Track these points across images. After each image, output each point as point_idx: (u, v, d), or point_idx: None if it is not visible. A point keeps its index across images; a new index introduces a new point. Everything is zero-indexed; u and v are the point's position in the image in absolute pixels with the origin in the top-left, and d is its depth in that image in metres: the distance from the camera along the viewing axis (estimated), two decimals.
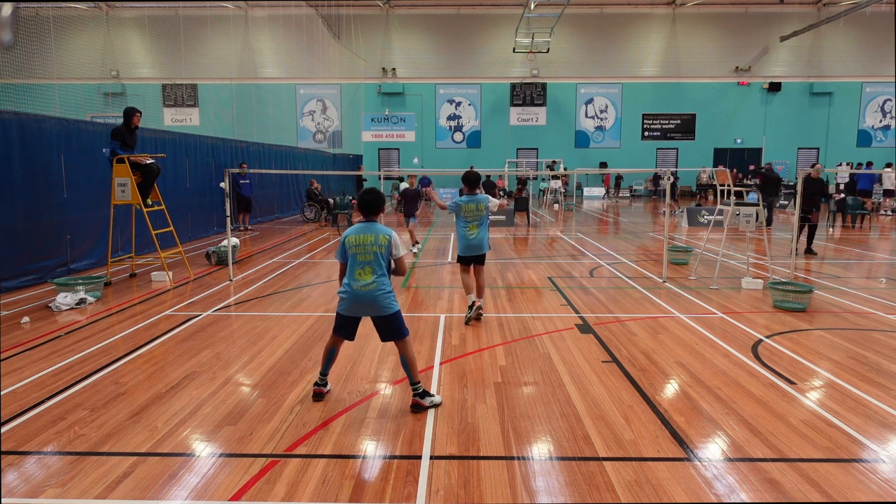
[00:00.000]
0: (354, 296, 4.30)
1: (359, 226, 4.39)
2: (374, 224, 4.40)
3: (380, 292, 4.28)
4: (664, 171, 10.71)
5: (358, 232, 4.34)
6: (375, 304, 4.30)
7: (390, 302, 4.34)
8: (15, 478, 3.45)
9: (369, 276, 4.27)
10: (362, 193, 4.48)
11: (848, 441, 3.90)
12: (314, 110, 34.02)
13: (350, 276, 4.31)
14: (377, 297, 4.28)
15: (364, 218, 4.46)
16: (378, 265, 4.29)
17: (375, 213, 4.46)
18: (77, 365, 5.36)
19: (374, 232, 4.32)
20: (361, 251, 4.28)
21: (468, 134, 33.85)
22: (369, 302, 4.30)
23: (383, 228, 4.38)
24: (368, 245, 4.28)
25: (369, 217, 4.44)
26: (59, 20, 14.33)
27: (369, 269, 4.28)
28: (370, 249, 4.28)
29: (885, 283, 9.26)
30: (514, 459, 3.65)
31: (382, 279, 4.31)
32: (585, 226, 18.20)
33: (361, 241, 4.30)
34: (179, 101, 33.58)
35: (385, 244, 4.31)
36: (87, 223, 9.85)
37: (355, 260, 4.30)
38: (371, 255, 4.28)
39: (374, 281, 4.26)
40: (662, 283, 9.10)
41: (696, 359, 5.55)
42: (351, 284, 4.30)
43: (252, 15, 32.24)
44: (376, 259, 4.28)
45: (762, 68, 32.84)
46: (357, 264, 4.29)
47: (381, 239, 4.30)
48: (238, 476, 3.45)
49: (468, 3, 32.24)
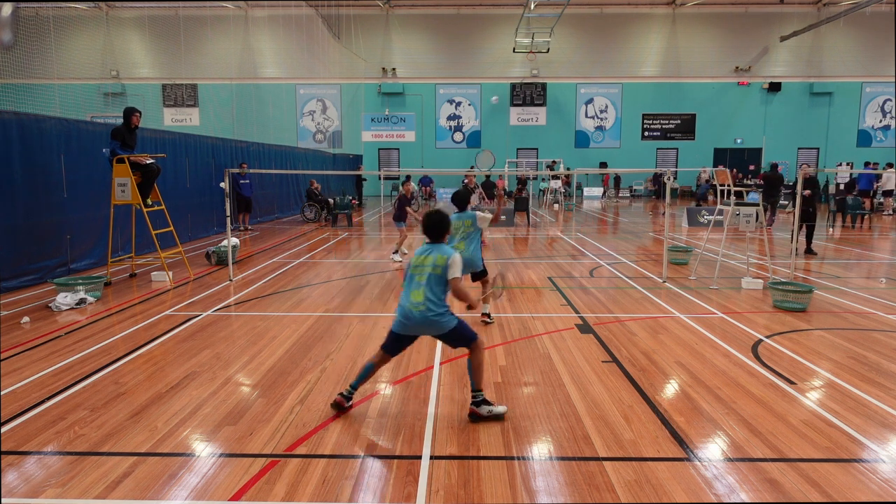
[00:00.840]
0: (407, 315, 4.16)
1: (423, 247, 4.29)
2: (439, 245, 4.27)
3: (431, 314, 4.11)
4: (664, 170, 10.72)
5: (421, 252, 4.25)
6: (430, 325, 4.16)
7: (445, 321, 4.17)
8: (15, 478, 3.45)
9: (421, 297, 4.12)
10: (426, 218, 4.34)
11: (848, 441, 3.90)
12: (314, 110, 34.03)
13: (405, 295, 4.20)
14: (430, 318, 4.11)
15: (429, 240, 4.33)
16: (429, 287, 4.13)
17: (441, 236, 4.32)
18: (77, 365, 5.36)
19: (436, 252, 4.20)
20: (419, 272, 4.18)
21: (468, 134, 33.85)
22: (422, 323, 4.15)
23: (447, 249, 4.24)
24: (427, 266, 4.16)
25: (433, 240, 4.31)
26: (59, 20, 14.33)
27: (423, 290, 4.13)
28: (426, 270, 4.15)
29: (885, 283, 9.27)
30: (514, 459, 3.65)
31: (433, 301, 4.13)
32: (585, 226, 18.20)
33: (421, 261, 4.20)
34: (179, 101, 33.59)
35: (442, 265, 4.14)
36: (87, 223, 9.85)
37: (412, 280, 4.20)
38: (425, 276, 4.15)
39: (424, 302, 4.11)
40: (662, 283, 9.10)
41: (696, 359, 5.55)
42: (404, 304, 4.19)
43: (252, 15, 32.25)
44: (428, 280, 4.13)
45: (762, 68, 32.84)
46: (413, 284, 4.18)
47: (439, 259, 4.15)
48: (238, 476, 3.45)
49: (468, 3, 32.25)
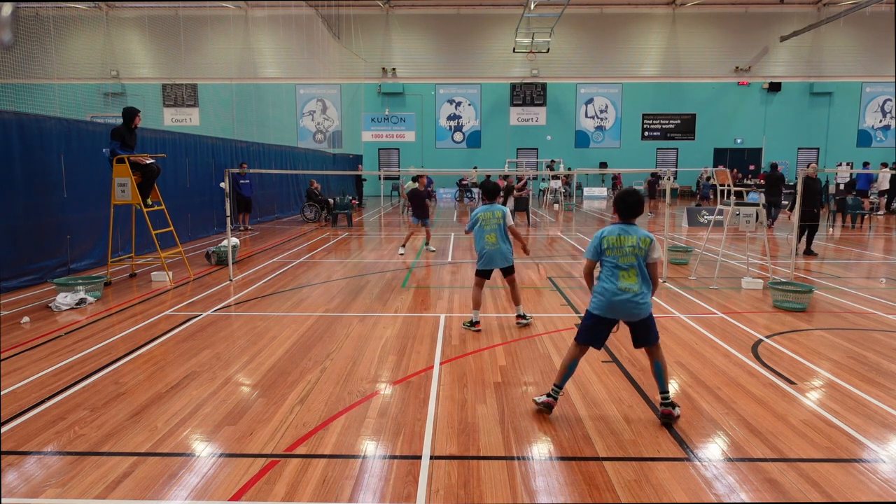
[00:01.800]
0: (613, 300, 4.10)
1: (618, 226, 4.19)
2: (634, 226, 4.20)
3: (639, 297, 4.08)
4: (664, 171, 10.73)
5: (618, 233, 4.14)
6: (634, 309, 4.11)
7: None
8: (15, 478, 3.45)
9: (634, 280, 4.06)
10: (624, 195, 4.24)
11: (848, 441, 3.90)
12: (314, 110, 34.02)
13: (611, 280, 4.11)
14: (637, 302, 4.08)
15: (621, 220, 4.25)
16: (638, 269, 4.08)
17: (636, 214, 4.23)
18: (77, 365, 5.36)
19: (635, 234, 4.13)
20: (620, 253, 4.09)
21: (468, 134, 33.85)
22: (628, 307, 4.10)
23: (643, 231, 4.18)
24: (627, 248, 4.08)
25: (628, 219, 4.23)
26: (59, 20, 14.33)
27: (633, 271, 4.07)
28: (629, 251, 4.08)
29: (884, 283, 9.26)
30: (514, 459, 3.65)
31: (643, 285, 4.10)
32: (585, 226, 18.20)
33: (621, 241, 4.10)
34: (179, 101, 33.58)
35: (645, 247, 4.09)
36: (87, 223, 9.85)
37: (617, 262, 4.09)
38: (633, 256, 4.08)
39: (637, 286, 4.07)
40: (662, 283, 9.10)
41: (696, 359, 5.55)
42: (609, 288, 4.11)
43: (252, 15, 32.25)
44: (637, 262, 4.08)
45: (762, 68, 32.84)
46: (618, 267, 4.09)
47: (643, 242, 4.10)
48: (238, 476, 3.45)
49: (468, 3, 32.24)
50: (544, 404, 4.27)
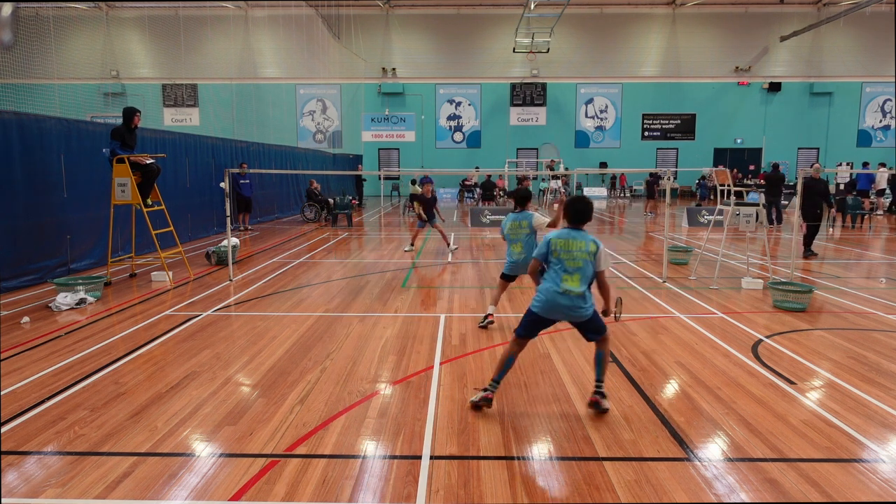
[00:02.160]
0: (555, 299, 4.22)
1: (566, 231, 4.33)
2: (582, 232, 4.33)
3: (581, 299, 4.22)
4: (664, 171, 10.74)
5: (566, 237, 4.27)
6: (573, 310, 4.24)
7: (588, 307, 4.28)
8: (15, 478, 3.44)
9: (576, 283, 4.18)
10: (573, 201, 4.39)
11: (848, 441, 3.90)
12: (314, 110, 34.03)
13: (555, 281, 4.22)
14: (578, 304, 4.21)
15: (570, 225, 4.38)
16: (582, 273, 4.20)
17: (584, 220, 4.37)
18: (77, 365, 5.36)
19: (583, 239, 4.26)
20: (569, 257, 4.21)
21: (468, 134, 33.85)
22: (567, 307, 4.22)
23: (591, 237, 4.30)
24: (575, 252, 4.21)
25: (577, 225, 4.36)
26: (59, 20, 14.33)
27: (577, 276, 4.18)
28: (577, 256, 4.21)
29: (885, 283, 9.26)
30: (514, 459, 3.65)
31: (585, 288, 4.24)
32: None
33: (569, 245, 4.23)
34: (179, 101, 33.59)
35: (594, 251, 4.23)
36: (87, 223, 9.85)
37: (563, 265, 4.21)
38: (580, 262, 4.21)
39: (579, 289, 4.19)
40: (662, 283, 9.10)
41: (696, 359, 5.55)
42: (551, 288, 4.23)
43: (252, 15, 32.25)
44: (584, 266, 4.21)
45: (762, 68, 32.84)
46: (565, 270, 4.20)
47: (591, 247, 4.23)
48: (238, 476, 3.45)
49: (468, 3, 32.24)
50: (483, 399, 4.35)
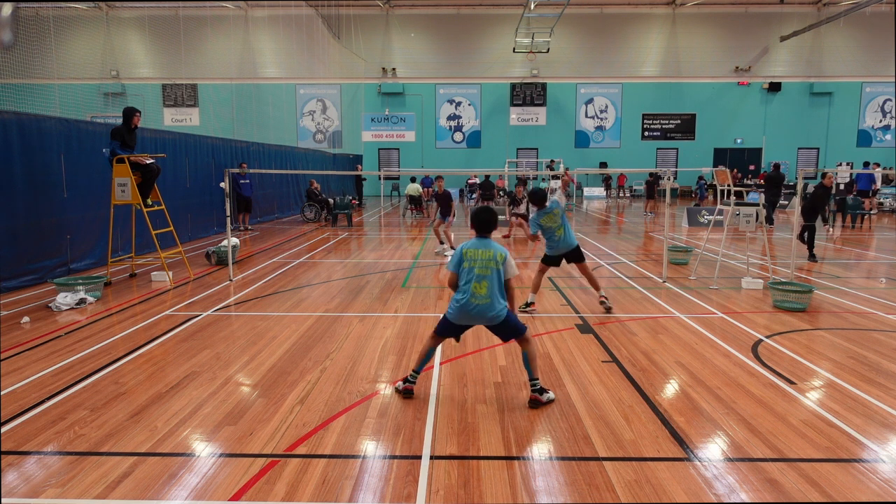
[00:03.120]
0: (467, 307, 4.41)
1: (475, 240, 4.54)
2: (489, 240, 4.54)
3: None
4: (664, 171, 10.74)
5: (475, 247, 4.47)
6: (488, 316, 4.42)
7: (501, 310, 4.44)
8: (15, 478, 3.44)
9: (485, 290, 4.36)
10: (478, 212, 4.61)
11: (848, 441, 3.90)
12: (314, 110, 34.03)
13: (466, 289, 4.40)
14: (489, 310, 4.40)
15: (477, 234, 4.59)
16: (491, 281, 4.38)
17: (489, 230, 4.57)
18: (77, 365, 5.36)
19: (490, 248, 4.47)
20: (479, 265, 4.40)
21: (468, 134, 33.85)
22: (482, 314, 4.40)
23: (499, 247, 4.51)
24: (484, 260, 4.41)
25: (483, 234, 4.57)
26: (59, 20, 14.32)
27: (486, 283, 4.36)
28: (485, 264, 4.40)
29: (884, 283, 9.26)
30: (514, 459, 3.65)
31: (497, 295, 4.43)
32: (585, 226, 18.20)
33: (478, 255, 4.44)
34: (179, 101, 33.58)
35: (501, 261, 4.44)
36: (87, 223, 9.85)
37: (473, 273, 4.39)
38: (489, 270, 4.40)
39: (489, 296, 4.37)
40: (662, 283, 9.10)
41: (696, 359, 5.55)
42: (463, 297, 4.41)
43: (252, 15, 32.25)
44: (492, 275, 4.39)
45: (762, 68, 32.84)
46: (475, 278, 4.38)
47: (499, 256, 4.44)
48: (238, 476, 3.45)
49: (468, 3, 32.24)
50: (405, 390, 4.60)
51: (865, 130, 33.39)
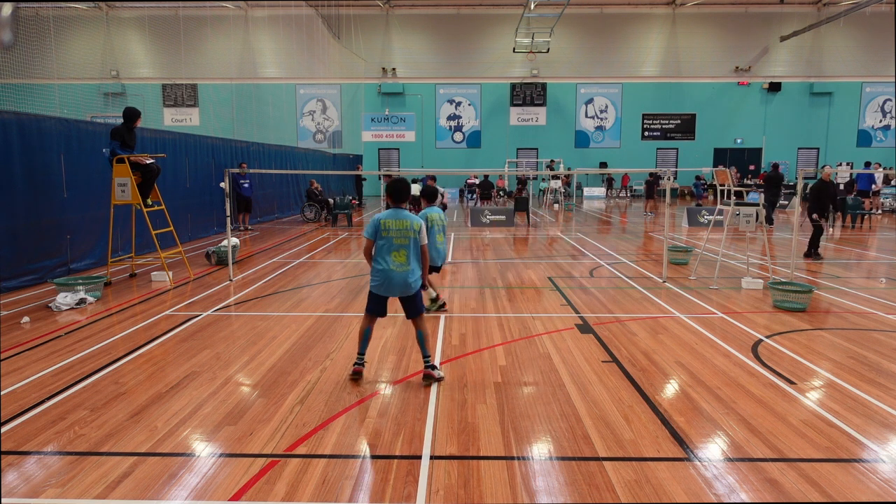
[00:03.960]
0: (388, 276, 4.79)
1: (391, 211, 4.86)
2: (403, 210, 4.86)
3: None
4: (664, 171, 10.75)
5: (392, 217, 4.80)
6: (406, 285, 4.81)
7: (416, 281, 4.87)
8: (15, 478, 3.44)
9: (403, 258, 4.75)
10: (392, 182, 4.95)
11: (848, 441, 3.90)
12: (314, 110, 34.02)
13: (385, 259, 4.78)
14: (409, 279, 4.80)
15: (392, 205, 4.92)
16: (409, 249, 4.77)
17: (403, 199, 4.91)
18: (77, 365, 5.36)
19: (406, 218, 4.81)
20: (397, 235, 4.75)
21: (468, 134, 33.85)
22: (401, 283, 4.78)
23: (414, 216, 4.86)
24: (401, 230, 4.76)
25: (398, 204, 4.90)
26: (59, 20, 14.32)
27: (404, 252, 4.75)
28: (402, 234, 4.76)
29: (884, 283, 9.26)
30: (514, 459, 3.65)
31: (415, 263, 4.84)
32: (585, 226, 18.20)
33: (394, 225, 4.77)
34: (179, 101, 33.58)
35: (417, 229, 4.80)
36: (87, 223, 9.85)
37: (391, 243, 4.74)
38: (407, 239, 4.76)
39: (408, 263, 4.77)
40: (662, 283, 9.10)
41: (696, 359, 5.55)
42: (383, 267, 4.79)
43: (252, 15, 32.25)
44: (409, 244, 4.77)
45: (762, 68, 32.84)
46: (392, 247, 4.75)
47: (415, 225, 4.79)
48: (238, 476, 3.45)
49: (468, 3, 32.24)
50: (354, 373, 4.95)
51: (865, 130, 33.39)
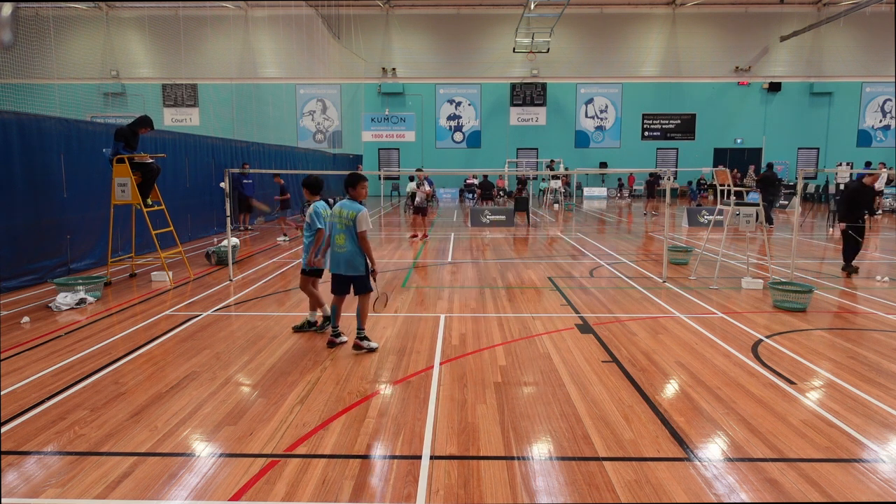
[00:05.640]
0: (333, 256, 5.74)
1: (345, 200, 5.72)
2: (352, 201, 5.68)
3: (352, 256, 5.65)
4: (664, 171, 10.74)
5: (340, 206, 5.68)
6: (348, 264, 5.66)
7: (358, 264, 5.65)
8: (15, 478, 3.45)
9: (342, 241, 5.60)
10: (349, 175, 5.79)
11: (848, 441, 3.90)
12: (314, 110, 34.01)
13: (332, 239, 5.74)
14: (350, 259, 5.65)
15: (348, 194, 5.75)
16: (348, 234, 5.58)
17: (351, 188, 5.69)
18: (77, 365, 5.36)
19: (349, 208, 5.62)
20: (339, 221, 5.62)
21: (468, 134, 33.84)
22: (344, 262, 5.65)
23: (356, 206, 5.64)
24: (343, 217, 5.59)
25: (348, 192, 5.75)
26: (59, 20, 14.31)
27: (343, 236, 5.59)
28: (343, 221, 5.59)
29: (886, 279, 9.25)
30: (514, 459, 3.65)
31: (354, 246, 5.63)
32: (585, 226, 18.20)
33: (340, 212, 5.64)
34: (179, 101, 33.56)
35: (353, 218, 5.56)
36: (87, 223, 9.84)
37: (335, 226, 5.66)
38: (343, 225, 5.59)
39: (345, 245, 5.60)
40: (662, 283, 9.10)
41: (696, 359, 5.55)
42: (331, 247, 5.77)
43: (252, 15, 32.24)
44: (348, 228, 5.58)
45: (762, 68, 32.82)
46: (336, 230, 5.65)
47: (350, 213, 5.57)
48: (238, 476, 3.45)
49: (468, 3, 32.23)
50: (329, 342, 5.88)
51: (865, 130, 33.37)
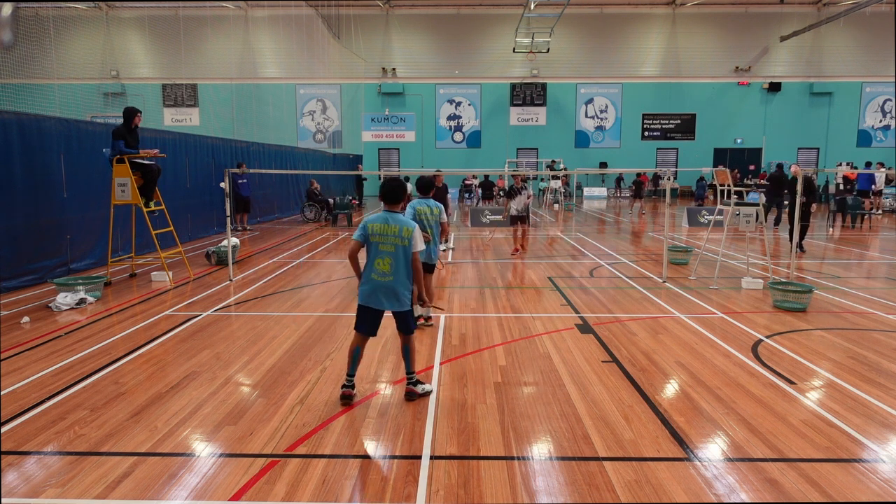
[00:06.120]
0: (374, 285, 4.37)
1: (383, 213, 4.40)
2: (397, 214, 4.40)
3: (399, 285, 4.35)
4: (664, 171, 10.74)
5: (382, 221, 4.34)
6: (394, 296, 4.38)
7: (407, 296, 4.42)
8: (15, 478, 3.44)
9: (387, 267, 4.29)
10: (385, 182, 4.46)
11: (848, 441, 3.90)
12: (314, 110, 34.02)
13: (371, 266, 4.37)
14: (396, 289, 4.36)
15: (386, 207, 4.45)
16: (395, 257, 4.30)
17: (395, 201, 4.41)
18: (77, 365, 5.36)
19: (396, 223, 4.33)
20: (383, 241, 4.31)
21: (468, 134, 33.85)
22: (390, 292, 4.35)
23: (406, 220, 4.40)
24: (390, 235, 4.30)
25: (391, 206, 4.43)
26: (59, 20, 14.30)
27: (389, 259, 4.29)
28: (391, 240, 4.30)
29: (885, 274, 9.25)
30: (514, 459, 3.65)
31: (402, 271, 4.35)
32: (585, 226, 18.20)
33: (384, 229, 4.31)
34: (179, 101, 33.57)
35: (408, 237, 4.31)
36: (87, 223, 9.84)
37: (377, 249, 4.32)
38: (392, 246, 4.30)
39: (391, 273, 4.30)
40: (662, 283, 9.10)
41: (696, 359, 5.55)
42: (369, 275, 4.38)
43: (252, 15, 32.24)
44: (396, 251, 4.30)
45: (762, 68, 32.83)
46: (378, 253, 4.32)
47: (405, 231, 4.31)
48: (238, 476, 3.45)
49: (468, 3, 32.24)
50: (343, 395, 4.49)
51: (865, 130, 33.38)
